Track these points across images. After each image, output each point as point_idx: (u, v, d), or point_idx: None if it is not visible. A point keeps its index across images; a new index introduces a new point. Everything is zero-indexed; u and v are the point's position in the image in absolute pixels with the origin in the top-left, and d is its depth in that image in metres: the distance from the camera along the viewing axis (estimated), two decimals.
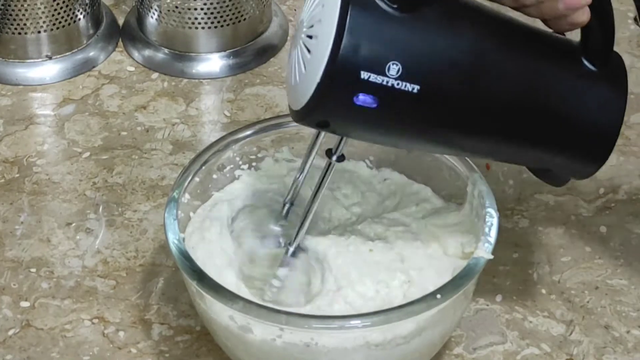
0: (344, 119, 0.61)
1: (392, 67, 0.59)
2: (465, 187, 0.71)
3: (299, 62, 0.61)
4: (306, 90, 0.60)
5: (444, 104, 0.61)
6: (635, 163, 0.86)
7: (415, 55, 0.59)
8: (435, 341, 0.67)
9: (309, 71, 0.60)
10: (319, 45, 0.59)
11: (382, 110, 0.60)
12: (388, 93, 0.59)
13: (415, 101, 0.60)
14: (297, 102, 0.62)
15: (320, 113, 0.61)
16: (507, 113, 0.63)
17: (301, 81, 0.61)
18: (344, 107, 0.60)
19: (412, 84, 0.59)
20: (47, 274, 0.78)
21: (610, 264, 0.78)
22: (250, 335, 0.64)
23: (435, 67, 0.60)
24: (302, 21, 0.62)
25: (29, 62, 0.95)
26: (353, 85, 0.59)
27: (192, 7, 0.94)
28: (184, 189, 0.71)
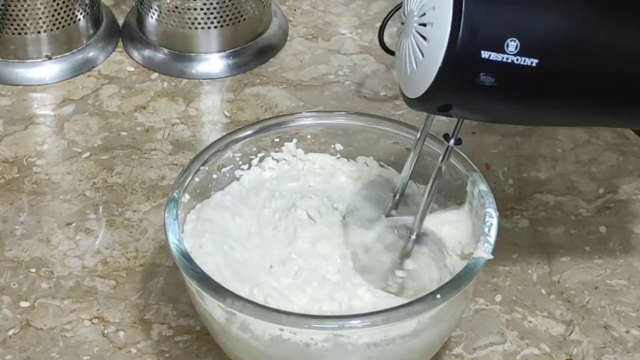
0: (466, 100, 0.62)
1: (511, 44, 0.60)
2: (465, 187, 0.71)
3: (414, 50, 0.62)
4: (426, 77, 0.61)
5: (563, 74, 0.62)
6: (635, 163, 0.87)
7: (532, 29, 0.60)
8: (435, 341, 0.67)
9: (427, 58, 0.61)
10: (436, 31, 0.60)
11: (503, 87, 0.61)
12: (508, 70, 0.60)
13: (534, 75, 0.61)
14: (416, 89, 0.62)
15: (443, 97, 0.62)
16: (625, 81, 0.64)
17: (419, 69, 0.62)
18: (467, 89, 0.61)
19: (531, 58, 0.60)
20: (47, 274, 0.78)
21: (610, 264, 0.78)
22: (250, 335, 0.64)
23: (551, 40, 0.61)
24: (411, 10, 0.62)
25: (29, 62, 0.95)
26: (474, 66, 0.60)
27: (192, 7, 0.94)
28: (184, 189, 0.71)
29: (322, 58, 0.98)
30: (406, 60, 0.63)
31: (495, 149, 0.88)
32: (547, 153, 0.87)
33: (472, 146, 0.86)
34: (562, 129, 0.89)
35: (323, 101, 0.93)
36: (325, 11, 1.04)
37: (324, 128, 0.76)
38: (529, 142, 0.88)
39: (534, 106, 0.64)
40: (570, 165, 0.86)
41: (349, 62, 0.97)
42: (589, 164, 0.86)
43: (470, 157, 0.72)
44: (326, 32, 1.01)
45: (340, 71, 0.96)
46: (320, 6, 1.04)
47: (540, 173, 0.86)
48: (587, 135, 0.89)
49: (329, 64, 0.97)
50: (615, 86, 0.64)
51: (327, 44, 0.99)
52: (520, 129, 0.89)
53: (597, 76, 0.63)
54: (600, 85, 0.64)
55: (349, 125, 0.76)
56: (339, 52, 0.99)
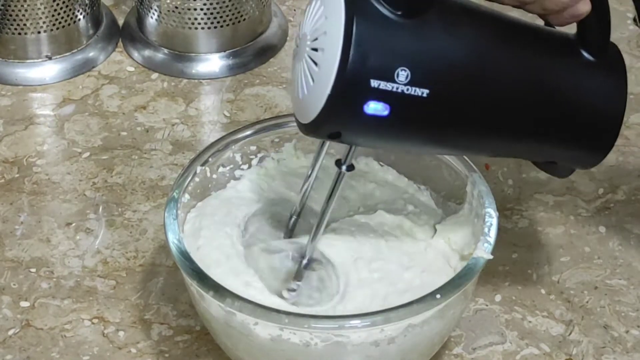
0: (355, 128, 0.61)
1: (401, 73, 0.59)
2: (464, 187, 0.71)
3: (305, 75, 0.61)
4: (316, 103, 0.60)
5: (453, 105, 0.61)
6: (635, 163, 0.87)
7: (423, 59, 0.60)
8: (435, 341, 0.67)
9: (317, 84, 0.60)
10: (326, 57, 0.59)
11: (393, 116, 0.60)
12: (398, 99, 0.60)
13: (425, 105, 0.60)
14: (307, 115, 0.62)
15: (332, 125, 0.61)
16: (514, 109, 0.64)
17: (309, 94, 0.61)
18: (356, 117, 0.60)
19: (422, 88, 0.60)
20: (47, 274, 0.78)
21: (610, 264, 0.78)
22: (250, 334, 0.64)
23: (443, 70, 0.60)
24: (304, 34, 0.62)
25: (29, 63, 0.95)
26: (364, 94, 0.59)
27: (192, 7, 0.94)
28: (184, 189, 0.71)
29: None
30: (298, 84, 0.62)
31: None
32: None
33: None
34: None
35: None
36: None
37: None
38: None
39: (424, 136, 0.63)
40: None
41: None
42: None
43: (470, 157, 0.72)
44: None
45: None
46: None
47: (540, 173, 0.85)
48: None
49: None
50: (510, 118, 0.64)
51: None
52: None
53: (490, 107, 0.63)
54: (493, 116, 0.63)
55: None
56: None
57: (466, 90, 0.61)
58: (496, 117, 0.63)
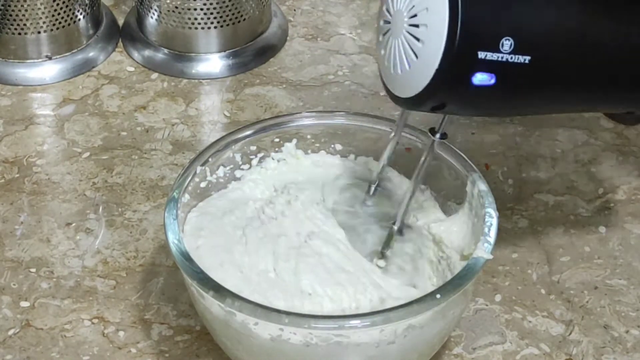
0: (461, 99, 0.63)
1: (506, 43, 0.60)
2: (464, 187, 0.71)
3: (406, 51, 0.62)
4: (421, 78, 0.61)
5: (553, 68, 0.63)
6: (635, 163, 0.87)
7: (524, 27, 0.61)
8: (435, 341, 0.67)
9: (422, 59, 0.61)
10: (431, 33, 0.60)
11: (498, 85, 0.61)
12: (503, 68, 0.61)
13: (527, 71, 0.62)
14: (409, 89, 0.63)
15: (439, 97, 0.62)
16: (605, 63, 0.65)
17: (412, 69, 0.62)
18: (463, 89, 0.61)
19: (524, 55, 0.61)
20: (47, 274, 0.78)
21: (610, 264, 0.78)
22: (250, 334, 0.64)
23: (542, 36, 0.62)
24: (399, 11, 0.62)
25: (29, 63, 0.95)
26: (471, 67, 0.60)
27: (192, 7, 0.94)
28: (184, 189, 0.71)
29: (322, 58, 0.98)
30: (396, 60, 0.63)
31: (495, 149, 0.88)
32: (547, 153, 0.87)
33: (472, 146, 0.87)
34: (562, 129, 0.89)
35: (323, 101, 0.93)
36: (325, 11, 1.04)
37: (324, 128, 0.76)
38: (529, 142, 0.88)
39: (526, 100, 0.65)
40: (570, 165, 0.86)
41: (348, 62, 0.97)
42: (589, 164, 0.86)
43: (470, 157, 0.72)
44: (326, 32, 1.01)
45: (339, 71, 0.96)
46: (320, 6, 1.04)
47: (539, 173, 0.86)
48: (586, 136, 0.89)
49: (328, 64, 0.97)
50: (603, 75, 0.65)
51: (326, 44, 1.00)
52: (520, 129, 0.89)
53: (586, 67, 0.64)
54: (588, 72, 0.65)
55: (349, 125, 0.76)
56: (338, 52, 0.99)
57: (563, 53, 0.63)
58: (591, 74, 0.65)
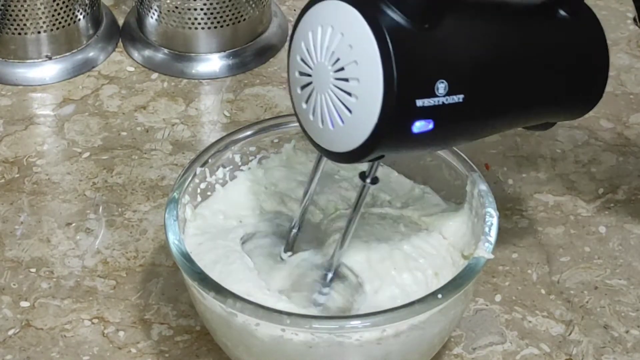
0: (399, 147, 0.61)
1: (440, 86, 0.59)
2: (464, 187, 0.71)
3: (336, 106, 0.60)
4: (358, 132, 0.59)
5: (484, 100, 0.63)
6: (635, 163, 0.87)
7: (454, 66, 0.60)
8: (435, 341, 0.68)
9: (356, 114, 0.59)
10: (365, 86, 0.58)
11: (436, 128, 0.60)
12: (440, 111, 0.60)
13: (462, 109, 0.61)
14: (343, 145, 0.61)
15: (380, 150, 0.60)
16: (527, 84, 0.65)
17: (346, 125, 0.60)
18: (403, 138, 0.60)
19: (457, 94, 0.60)
20: (47, 274, 0.78)
21: (610, 264, 0.79)
22: (251, 335, 0.64)
23: (471, 72, 0.61)
24: (322, 64, 0.60)
25: (29, 62, 0.95)
26: (411, 116, 0.59)
27: (192, 7, 0.94)
28: (184, 189, 0.71)
29: None
30: (325, 116, 0.61)
31: (495, 149, 0.88)
32: (547, 153, 0.87)
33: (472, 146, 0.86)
34: (562, 129, 0.89)
35: None
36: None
37: None
38: (529, 143, 0.88)
39: (462, 134, 0.64)
40: (570, 166, 0.86)
41: None
42: (589, 164, 0.86)
43: (470, 157, 0.72)
44: None
45: None
46: None
47: (539, 173, 0.86)
48: (586, 136, 0.89)
49: None
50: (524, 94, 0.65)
51: None
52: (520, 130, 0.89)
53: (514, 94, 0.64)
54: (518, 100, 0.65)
55: None
56: None
57: (491, 83, 0.63)
58: (517, 97, 0.65)
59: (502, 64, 0.63)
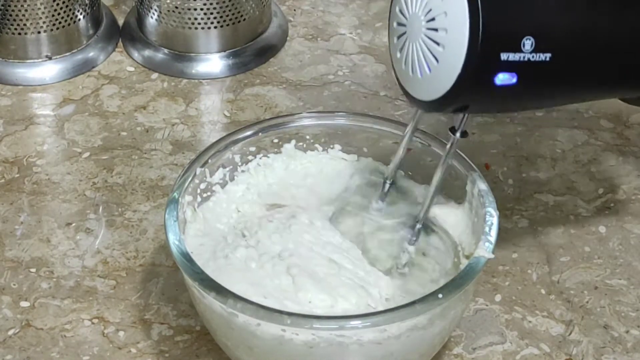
0: (483, 100, 0.63)
1: (527, 42, 0.61)
2: (464, 186, 0.71)
3: (425, 55, 0.62)
4: (443, 81, 0.61)
5: (572, 63, 0.63)
6: (635, 163, 0.87)
7: (543, 25, 0.61)
8: (436, 341, 0.67)
9: (443, 63, 0.61)
10: (452, 37, 0.60)
11: (520, 83, 0.62)
12: (525, 67, 0.61)
13: (548, 68, 0.62)
14: (430, 93, 0.63)
15: (463, 99, 0.62)
16: (620, 53, 0.65)
17: (433, 73, 0.62)
18: (485, 90, 0.61)
19: (545, 53, 0.61)
20: (47, 274, 0.78)
21: (610, 264, 0.79)
22: (251, 335, 0.64)
23: (560, 32, 0.62)
24: (415, 15, 0.62)
25: (29, 62, 0.95)
26: (494, 68, 0.61)
27: (192, 7, 0.94)
28: (184, 190, 0.71)
29: (322, 58, 0.98)
30: (415, 64, 0.63)
31: (495, 149, 0.88)
32: (547, 153, 0.87)
33: (472, 146, 0.87)
34: (562, 129, 0.89)
35: (323, 101, 0.93)
36: (325, 11, 1.04)
37: (324, 128, 0.76)
38: (529, 142, 0.88)
39: (547, 96, 0.65)
40: (570, 166, 0.86)
41: (348, 62, 0.97)
42: (589, 164, 0.86)
43: (470, 157, 0.72)
44: (326, 32, 1.01)
45: (340, 71, 0.96)
46: (320, 6, 1.04)
47: (539, 173, 0.86)
48: (586, 136, 0.89)
49: (328, 64, 0.97)
50: (619, 65, 0.66)
51: (326, 44, 1.00)
52: (520, 129, 0.89)
53: (603, 60, 0.65)
54: (606, 67, 0.65)
55: (349, 125, 0.76)
56: (338, 52, 0.99)
57: (581, 47, 0.63)
58: (608, 65, 0.65)
59: (594, 31, 0.64)
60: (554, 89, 0.65)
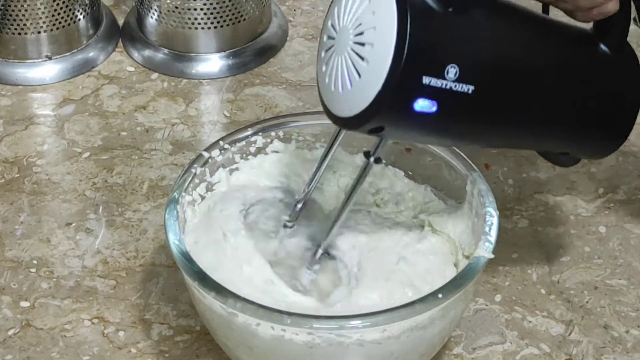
0: (400, 123, 0.62)
1: (451, 70, 0.59)
2: (464, 186, 0.71)
3: (348, 69, 0.61)
4: (362, 98, 0.60)
5: (495, 101, 0.62)
6: (635, 163, 0.87)
7: (470, 56, 0.60)
8: (436, 341, 0.67)
9: (365, 79, 0.60)
10: (377, 52, 0.59)
11: (440, 113, 0.60)
12: (446, 96, 0.60)
13: (469, 101, 0.61)
14: (348, 109, 0.61)
15: (378, 120, 0.61)
16: (547, 101, 0.65)
17: (354, 89, 0.61)
18: (404, 113, 0.60)
19: (468, 84, 0.60)
20: (47, 274, 0.78)
21: (610, 264, 0.79)
22: (251, 335, 0.64)
23: (486, 66, 0.61)
24: (345, 28, 0.61)
25: (29, 62, 0.95)
26: (414, 91, 0.59)
27: (192, 7, 0.94)
28: (184, 189, 0.71)
29: None
30: (338, 78, 0.62)
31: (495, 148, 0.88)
32: None
33: None
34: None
35: None
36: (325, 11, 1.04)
37: (323, 128, 0.76)
38: None
39: (465, 131, 0.64)
40: None
41: None
42: (589, 164, 0.86)
43: (470, 157, 0.72)
44: None
45: None
46: (320, 6, 1.04)
47: (539, 173, 0.86)
48: None
49: None
50: (543, 111, 0.65)
51: None
52: None
53: (528, 103, 0.64)
54: (530, 111, 0.64)
55: None
56: None
57: (506, 85, 0.63)
58: (532, 110, 0.65)
59: (523, 71, 0.63)
60: (473, 126, 0.63)
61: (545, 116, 0.65)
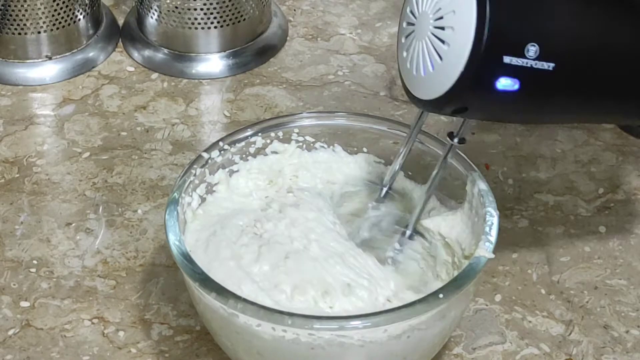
0: (483, 103, 0.63)
1: (531, 49, 0.61)
2: (464, 186, 0.71)
3: (430, 53, 0.62)
4: (444, 80, 0.62)
5: (576, 76, 0.63)
6: (635, 163, 0.87)
7: (549, 34, 0.61)
8: (436, 341, 0.68)
9: (446, 61, 0.61)
10: (458, 35, 0.61)
11: (522, 91, 0.62)
12: (527, 74, 0.61)
13: (550, 78, 0.62)
14: (431, 91, 0.63)
15: (462, 100, 0.62)
16: (627, 76, 0.65)
17: (436, 71, 0.62)
18: (486, 93, 0.62)
19: (548, 62, 0.61)
20: (47, 274, 0.78)
21: (610, 264, 0.79)
22: (252, 335, 0.64)
23: (568, 44, 0.62)
24: (424, 13, 0.63)
25: (29, 62, 0.95)
26: (496, 71, 0.61)
27: (192, 7, 0.94)
28: (184, 190, 0.71)
29: (322, 58, 0.98)
30: (419, 62, 0.64)
31: (495, 149, 0.88)
32: (547, 153, 0.87)
33: (472, 146, 0.86)
34: (562, 129, 0.89)
35: (323, 101, 0.93)
36: (325, 11, 1.04)
37: (324, 128, 0.76)
38: (529, 142, 0.88)
39: (547, 108, 0.65)
40: (570, 165, 0.86)
41: (348, 62, 0.97)
42: (589, 164, 0.86)
43: (470, 157, 0.72)
44: (326, 32, 1.01)
45: (339, 71, 0.96)
46: (320, 6, 1.04)
47: (539, 173, 0.86)
48: (586, 136, 0.89)
49: (328, 64, 0.97)
50: (624, 85, 0.66)
51: (326, 44, 1.00)
52: (520, 129, 0.89)
53: (607, 77, 0.65)
54: (610, 85, 0.65)
55: (349, 125, 0.76)
56: (338, 52, 0.99)
57: (586, 61, 0.63)
58: (612, 84, 0.65)
59: (603, 46, 0.64)
60: (555, 102, 0.64)
61: (625, 89, 0.66)
